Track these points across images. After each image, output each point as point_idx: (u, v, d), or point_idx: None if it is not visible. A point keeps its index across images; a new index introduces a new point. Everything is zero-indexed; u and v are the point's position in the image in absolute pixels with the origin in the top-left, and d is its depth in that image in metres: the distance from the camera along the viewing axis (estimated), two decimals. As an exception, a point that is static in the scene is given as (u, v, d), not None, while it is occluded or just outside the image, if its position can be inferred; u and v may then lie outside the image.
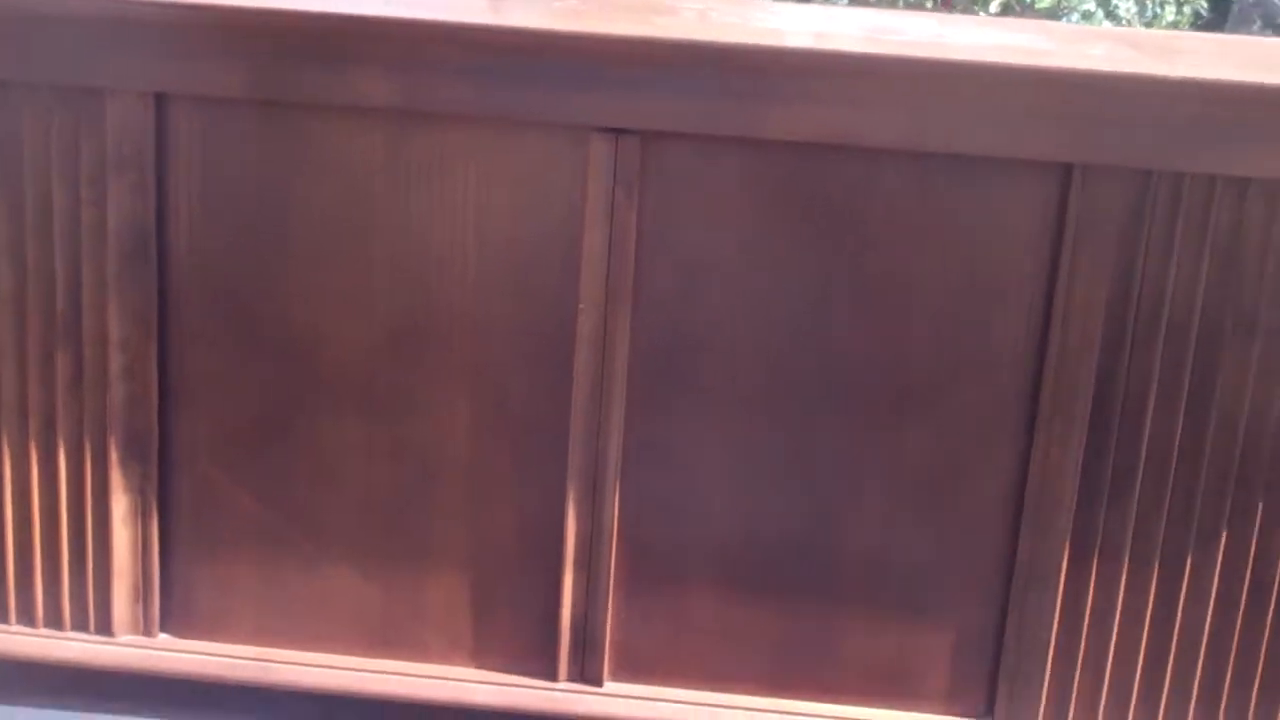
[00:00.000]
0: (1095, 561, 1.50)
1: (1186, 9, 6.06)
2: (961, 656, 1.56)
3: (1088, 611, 1.51)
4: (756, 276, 1.48)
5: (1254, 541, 1.49)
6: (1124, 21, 5.70)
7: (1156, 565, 1.50)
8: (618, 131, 1.45)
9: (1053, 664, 1.53)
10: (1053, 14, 3.47)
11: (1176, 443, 1.47)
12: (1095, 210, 1.42)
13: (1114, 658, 1.53)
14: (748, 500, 1.54)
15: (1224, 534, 1.49)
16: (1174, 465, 1.47)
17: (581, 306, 1.49)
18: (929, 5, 3.72)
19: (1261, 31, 4.98)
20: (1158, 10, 5.90)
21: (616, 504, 1.54)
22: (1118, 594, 1.51)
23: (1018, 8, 3.51)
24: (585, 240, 1.47)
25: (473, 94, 1.44)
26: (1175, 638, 1.52)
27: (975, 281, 1.46)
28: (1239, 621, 1.51)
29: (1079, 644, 1.52)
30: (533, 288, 1.50)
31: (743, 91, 1.41)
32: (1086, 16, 3.44)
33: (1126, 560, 1.50)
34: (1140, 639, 1.52)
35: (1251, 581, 1.50)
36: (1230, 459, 1.47)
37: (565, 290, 1.49)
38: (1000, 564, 1.52)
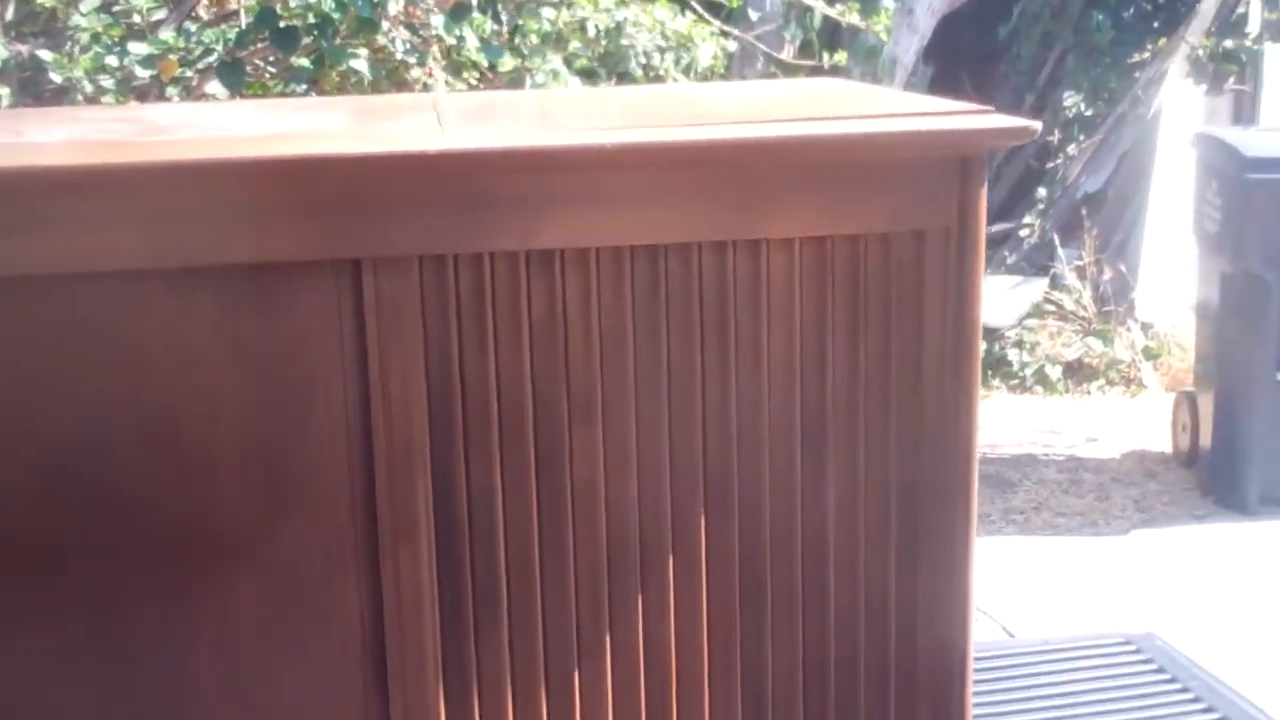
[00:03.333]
0: (475, 699, 1.32)
1: (720, 53, 6.25)
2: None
3: (480, 753, 1.33)
4: (21, 435, 1.23)
5: (641, 637, 1.35)
6: (662, 71, 5.79)
7: (543, 688, 1.33)
8: None
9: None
10: (517, 80, 3.40)
11: (537, 545, 1.31)
12: (395, 303, 1.25)
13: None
14: (64, 702, 1.27)
15: (608, 637, 1.34)
16: (540, 572, 1.32)
17: None
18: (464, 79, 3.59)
19: (765, 67, 5.16)
20: (691, 56, 6.03)
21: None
22: (506, 727, 1.33)
23: (490, 75, 3.42)
24: None
25: None
26: (582, 760, 1.36)
27: (281, 398, 1.26)
28: (645, 728, 1.36)
29: (478, 791, 1.34)
30: None
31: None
32: (554, 76, 3.39)
33: (510, 689, 1.32)
34: (544, 770, 1.35)
35: (648, 681, 1.36)
36: (599, 553, 1.33)
37: None
38: (374, 718, 1.32)
